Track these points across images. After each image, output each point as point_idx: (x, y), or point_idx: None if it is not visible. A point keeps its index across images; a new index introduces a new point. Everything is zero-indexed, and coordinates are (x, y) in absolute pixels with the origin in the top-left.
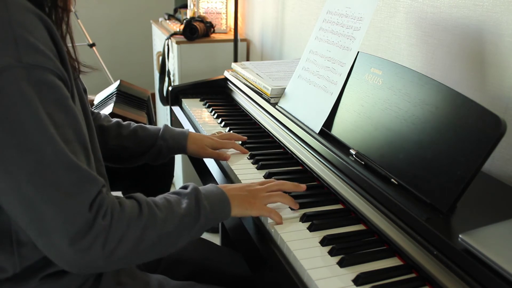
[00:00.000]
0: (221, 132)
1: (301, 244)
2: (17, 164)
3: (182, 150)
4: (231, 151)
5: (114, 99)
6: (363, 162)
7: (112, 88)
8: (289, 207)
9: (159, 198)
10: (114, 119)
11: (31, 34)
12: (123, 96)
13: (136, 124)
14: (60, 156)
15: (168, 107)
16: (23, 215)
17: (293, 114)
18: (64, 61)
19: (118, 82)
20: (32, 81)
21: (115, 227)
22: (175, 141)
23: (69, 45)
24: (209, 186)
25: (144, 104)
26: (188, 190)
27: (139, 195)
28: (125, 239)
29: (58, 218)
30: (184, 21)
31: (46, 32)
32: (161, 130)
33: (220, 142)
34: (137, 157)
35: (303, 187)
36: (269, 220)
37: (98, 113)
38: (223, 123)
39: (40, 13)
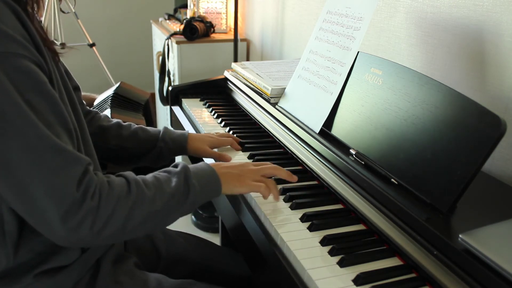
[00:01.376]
0: (215, 133)
1: (301, 244)
2: (3, 151)
3: (182, 151)
4: (227, 147)
5: (109, 103)
6: (363, 162)
7: (110, 90)
8: (289, 207)
9: (148, 176)
10: (115, 120)
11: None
12: (119, 99)
13: (136, 126)
14: (43, 139)
15: (168, 107)
16: (14, 198)
17: (293, 114)
18: (38, 46)
19: (118, 85)
20: (5, 69)
21: (103, 208)
22: (175, 143)
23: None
24: (200, 164)
25: (140, 107)
26: (178, 168)
27: (129, 174)
28: (113, 219)
29: (48, 198)
30: (184, 21)
31: (15, 18)
32: (161, 132)
33: (219, 140)
34: (138, 158)
35: (295, 178)
36: (269, 220)
37: (97, 112)
38: (223, 123)
39: None
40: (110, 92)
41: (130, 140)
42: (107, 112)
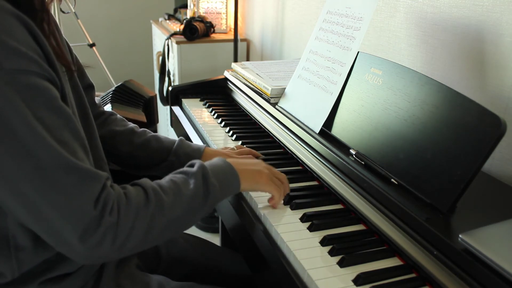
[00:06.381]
0: (235, 146)
1: (301, 244)
2: (15, 171)
3: None
4: None
5: (109, 98)
6: (363, 162)
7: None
8: (289, 207)
9: (165, 180)
10: (130, 124)
11: (10, 37)
12: (120, 93)
13: (151, 134)
14: (56, 159)
15: (168, 107)
16: (29, 219)
17: (293, 114)
18: (50, 60)
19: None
20: (17, 86)
21: (123, 222)
22: (189, 159)
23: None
24: (216, 160)
25: (140, 101)
26: (195, 169)
27: (145, 181)
28: (134, 231)
29: (64, 219)
30: (184, 21)
31: (27, 33)
32: (175, 144)
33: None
34: (146, 168)
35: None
36: (269, 220)
37: (112, 114)
38: (223, 123)
39: (19, 13)
40: (113, 87)
41: (142, 149)
42: (108, 107)
